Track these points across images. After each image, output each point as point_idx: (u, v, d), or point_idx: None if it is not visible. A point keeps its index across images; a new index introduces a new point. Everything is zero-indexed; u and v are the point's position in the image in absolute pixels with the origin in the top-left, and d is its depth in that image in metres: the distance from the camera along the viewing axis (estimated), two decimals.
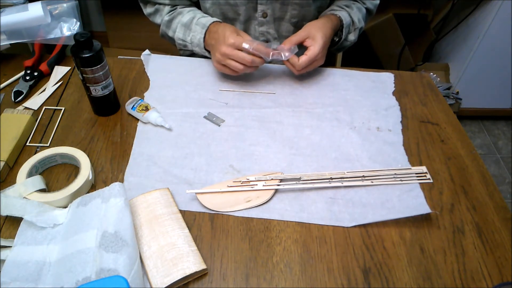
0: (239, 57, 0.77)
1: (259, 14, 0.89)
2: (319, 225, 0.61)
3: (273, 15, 0.89)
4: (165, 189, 0.63)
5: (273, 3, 0.87)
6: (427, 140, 0.77)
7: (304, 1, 0.87)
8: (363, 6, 0.94)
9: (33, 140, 0.72)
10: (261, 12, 0.88)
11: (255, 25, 0.92)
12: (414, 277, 0.56)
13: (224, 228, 0.60)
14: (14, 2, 1.21)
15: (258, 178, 0.66)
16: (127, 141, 0.73)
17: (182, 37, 0.89)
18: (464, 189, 0.68)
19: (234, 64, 0.78)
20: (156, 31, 0.98)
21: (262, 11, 0.88)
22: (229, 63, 0.78)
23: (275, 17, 0.90)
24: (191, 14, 0.88)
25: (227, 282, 0.54)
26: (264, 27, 0.92)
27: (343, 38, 0.89)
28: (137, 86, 0.85)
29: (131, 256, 0.50)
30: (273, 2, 0.87)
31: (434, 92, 0.88)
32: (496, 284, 0.56)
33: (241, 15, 0.89)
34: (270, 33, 0.93)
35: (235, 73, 0.81)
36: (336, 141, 0.75)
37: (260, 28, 0.92)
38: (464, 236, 0.61)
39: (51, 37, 0.83)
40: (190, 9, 0.90)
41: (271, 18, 0.90)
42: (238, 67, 0.78)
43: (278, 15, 0.89)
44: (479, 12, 1.72)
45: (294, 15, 0.89)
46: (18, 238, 0.56)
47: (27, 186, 0.60)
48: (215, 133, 0.75)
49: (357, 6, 0.92)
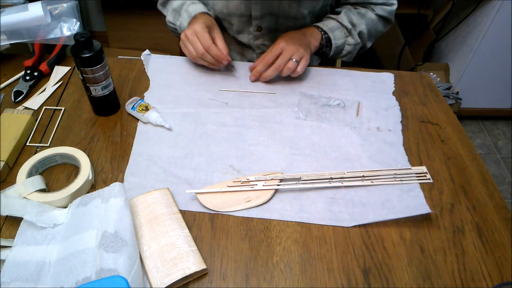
0: (195, 44, 0.81)
1: (254, 28, 0.90)
2: (319, 225, 0.61)
3: (267, 28, 0.90)
4: (165, 189, 0.63)
5: (267, 17, 0.87)
6: (427, 140, 0.77)
7: (299, 14, 0.87)
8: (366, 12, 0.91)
9: (33, 140, 0.72)
10: (255, 27, 0.89)
11: (249, 39, 0.93)
12: (414, 277, 0.56)
13: (224, 228, 0.60)
14: (14, 2, 1.21)
15: (258, 178, 0.66)
16: (127, 141, 0.72)
17: (173, 20, 0.92)
18: (464, 189, 0.68)
19: (190, 48, 0.82)
20: (156, 31, 0.98)
21: (256, 26, 0.89)
22: (187, 45, 0.83)
23: (271, 29, 0.90)
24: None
25: (227, 282, 0.54)
26: (259, 40, 0.92)
27: (334, 41, 0.87)
28: (137, 86, 0.84)
29: (131, 256, 0.50)
30: (267, 16, 0.87)
31: (434, 92, 0.88)
32: (496, 284, 0.56)
33: (233, 25, 0.91)
34: (266, 45, 0.93)
35: (192, 58, 0.84)
36: (336, 141, 0.75)
37: (256, 41, 0.93)
38: (464, 236, 0.61)
39: (51, 37, 0.83)
40: None
41: (266, 31, 0.90)
42: (191, 52, 0.82)
43: (273, 27, 0.90)
44: (479, 12, 1.72)
45: (290, 27, 0.88)
46: (18, 238, 0.56)
47: (27, 186, 0.60)
48: (215, 133, 0.75)
49: (346, 10, 0.90)
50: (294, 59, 0.80)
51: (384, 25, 0.96)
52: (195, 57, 0.83)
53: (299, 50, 0.81)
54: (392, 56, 1.96)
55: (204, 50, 0.80)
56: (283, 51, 0.81)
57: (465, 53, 1.81)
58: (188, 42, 0.82)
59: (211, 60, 0.82)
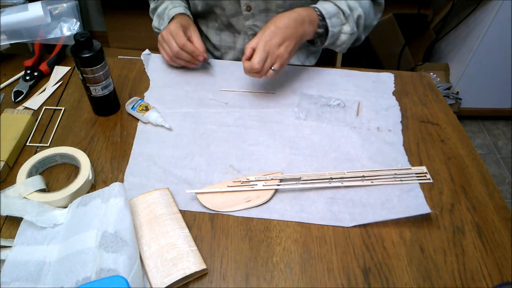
0: (169, 43, 0.82)
1: (243, 8, 0.88)
2: (319, 225, 0.61)
3: (257, 8, 0.88)
4: (165, 189, 0.63)
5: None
6: (427, 140, 0.77)
7: None
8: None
9: (33, 140, 0.72)
10: (245, 6, 0.88)
11: (241, 20, 0.91)
12: (414, 277, 0.56)
13: (224, 228, 0.60)
14: (14, 2, 1.21)
15: (258, 178, 0.66)
16: (127, 141, 0.73)
17: (157, 25, 0.93)
18: (464, 189, 0.68)
19: (165, 47, 0.83)
20: None
21: (245, 5, 0.88)
22: (163, 45, 0.84)
23: (261, 9, 0.88)
24: (165, 4, 0.92)
25: (227, 282, 0.54)
26: (250, 20, 0.91)
27: (331, 28, 0.79)
28: (137, 86, 0.85)
29: (131, 256, 0.50)
30: None
31: (434, 92, 0.88)
32: (496, 284, 0.56)
33: (225, 9, 0.90)
34: (258, 26, 0.91)
35: (168, 59, 0.85)
36: (336, 141, 0.75)
37: (247, 22, 0.91)
38: (464, 236, 0.61)
39: (51, 37, 0.83)
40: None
41: (257, 10, 0.88)
42: (167, 52, 0.83)
43: (263, 7, 0.88)
44: (479, 12, 1.72)
45: (280, 5, 0.86)
46: (18, 238, 0.56)
47: (27, 186, 0.60)
48: (215, 133, 0.75)
49: None
50: (273, 68, 0.75)
51: (375, 12, 0.90)
52: (171, 57, 0.83)
53: (279, 53, 0.74)
54: (392, 56, 1.96)
55: (179, 48, 0.81)
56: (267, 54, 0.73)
57: (465, 53, 1.81)
58: (164, 42, 0.83)
59: (187, 58, 0.83)
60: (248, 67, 0.74)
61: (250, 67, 0.73)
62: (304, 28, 0.77)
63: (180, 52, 0.82)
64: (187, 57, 0.83)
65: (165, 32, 0.82)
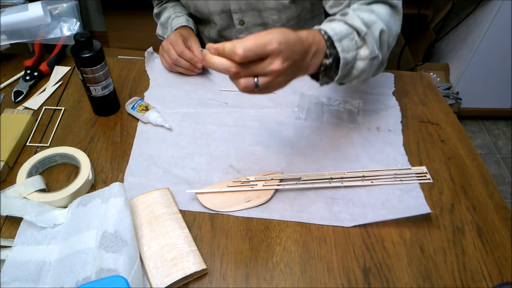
0: (169, 51, 0.84)
1: (236, 22, 0.89)
2: (319, 225, 0.61)
3: (252, 22, 0.89)
4: (165, 189, 0.63)
5: (247, 12, 0.87)
6: (427, 140, 0.77)
7: (280, 3, 0.82)
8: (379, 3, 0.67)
9: (33, 140, 0.72)
10: (237, 20, 0.89)
11: (234, 32, 0.92)
12: (414, 277, 0.56)
13: (224, 228, 0.60)
14: (14, 2, 1.21)
15: (258, 178, 0.66)
16: (127, 141, 0.72)
17: (162, 34, 0.97)
18: (464, 189, 0.68)
19: (165, 56, 0.86)
20: None
21: (238, 19, 0.89)
22: (163, 54, 0.86)
23: (256, 24, 0.89)
24: (168, 13, 0.94)
25: (227, 282, 0.54)
26: (243, 34, 0.91)
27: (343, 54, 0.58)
28: (137, 86, 0.85)
29: (131, 256, 0.50)
30: (248, 11, 0.86)
31: (434, 92, 0.88)
32: (496, 284, 0.56)
33: (217, 24, 0.91)
34: None
35: (168, 67, 0.87)
36: (336, 141, 0.75)
37: (240, 35, 0.92)
38: (464, 236, 0.61)
39: (51, 37, 0.83)
40: (171, 6, 0.95)
41: (251, 25, 0.89)
42: (167, 60, 0.85)
43: (259, 21, 0.88)
44: (479, 12, 1.72)
45: (276, 20, 0.87)
46: (18, 238, 0.56)
47: (27, 186, 0.60)
48: (215, 133, 0.75)
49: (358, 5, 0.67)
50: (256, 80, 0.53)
51: (394, 21, 0.69)
52: (170, 64, 0.85)
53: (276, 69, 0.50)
54: (392, 56, 1.96)
55: (178, 55, 0.82)
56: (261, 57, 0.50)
57: (465, 53, 1.81)
58: (164, 52, 0.85)
59: (186, 65, 0.84)
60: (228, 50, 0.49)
61: (230, 50, 0.48)
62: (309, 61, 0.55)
63: (178, 59, 0.83)
64: (185, 65, 0.84)
65: (165, 42, 0.85)
